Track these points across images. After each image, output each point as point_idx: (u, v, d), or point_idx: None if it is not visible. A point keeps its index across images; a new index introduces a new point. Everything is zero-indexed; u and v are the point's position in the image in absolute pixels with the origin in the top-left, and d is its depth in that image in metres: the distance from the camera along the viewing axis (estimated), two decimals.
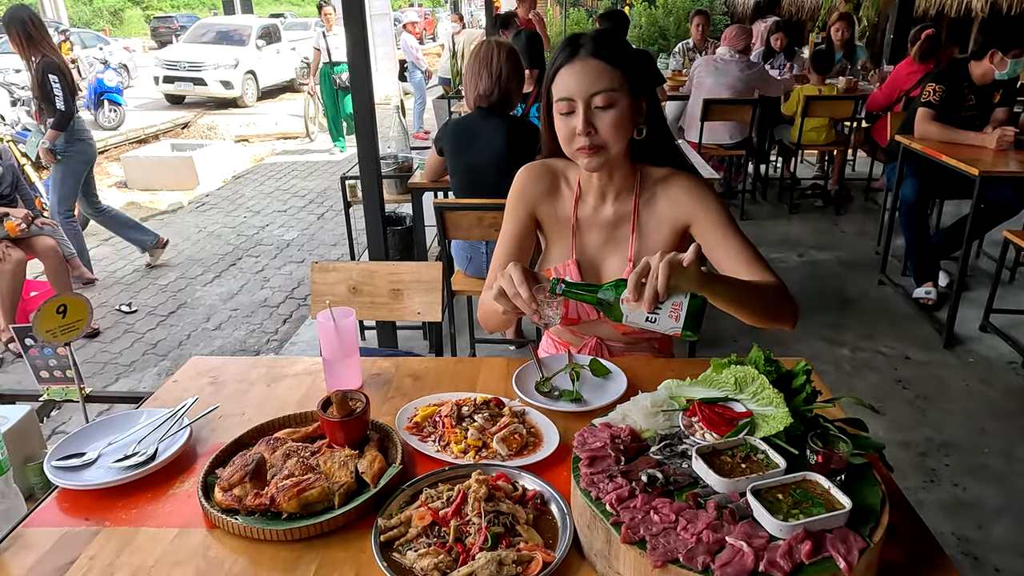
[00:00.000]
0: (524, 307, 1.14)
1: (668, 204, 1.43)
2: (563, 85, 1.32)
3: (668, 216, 1.43)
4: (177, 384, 1.43)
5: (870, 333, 3.55)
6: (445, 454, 1.15)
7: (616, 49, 1.33)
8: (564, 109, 1.33)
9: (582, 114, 1.30)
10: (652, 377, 1.40)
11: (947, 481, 2.45)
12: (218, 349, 3.79)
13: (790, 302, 1.31)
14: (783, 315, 1.30)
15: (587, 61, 1.30)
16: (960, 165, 3.24)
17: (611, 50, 1.32)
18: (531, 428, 1.22)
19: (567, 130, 1.34)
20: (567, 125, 1.33)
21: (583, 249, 1.50)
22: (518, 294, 1.14)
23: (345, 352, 1.36)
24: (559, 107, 1.34)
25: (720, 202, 1.42)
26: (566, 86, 1.32)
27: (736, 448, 0.98)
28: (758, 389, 1.03)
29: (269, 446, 1.14)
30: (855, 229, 5.14)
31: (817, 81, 5.32)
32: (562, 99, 1.32)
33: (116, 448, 1.19)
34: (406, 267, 1.98)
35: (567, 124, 1.33)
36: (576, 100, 1.31)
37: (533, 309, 1.14)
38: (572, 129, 1.33)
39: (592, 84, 1.30)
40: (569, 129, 1.33)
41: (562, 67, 1.33)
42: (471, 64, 2.71)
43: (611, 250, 1.48)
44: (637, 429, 1.06)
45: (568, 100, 1.32)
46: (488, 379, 1.42)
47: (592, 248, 1.50)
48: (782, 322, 1.31)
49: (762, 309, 1.26)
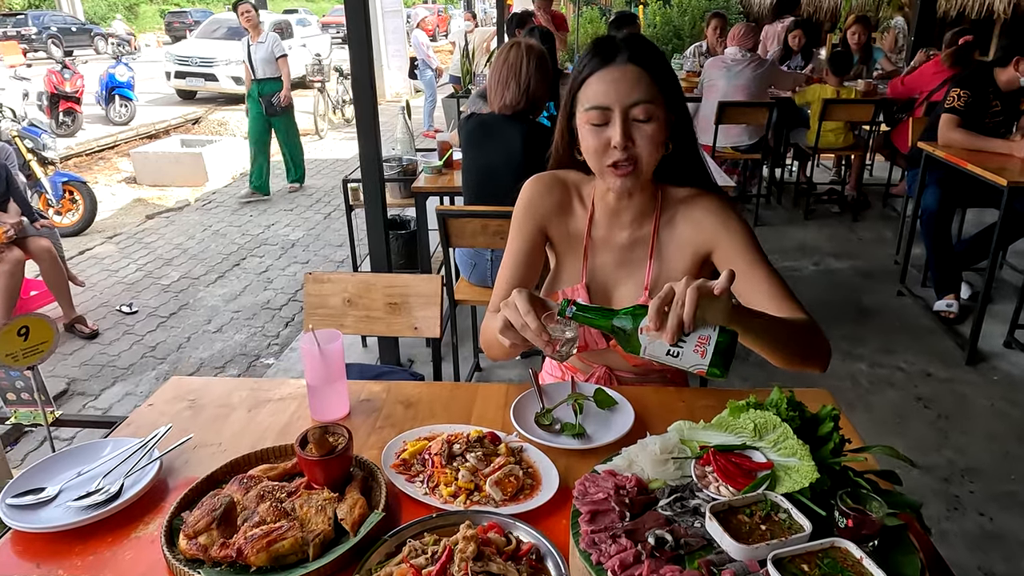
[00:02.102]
0: (534, 339, 1.03)
1: (691, 227, 1.31)
2: (597, 92, 1.19)
3: (690, 240, 1.31)
4: (153, 408, 1.34)
5: (889, 347, 3.42)
6: (433, 497, 1.05)
7: (654, 56, 1.22)
8: (597, 119, 1.19)
9: (620, 124, 1.17)
10: (661, 409, 1.30)
11: (972, 510, 2.33)
12: (218, 353, 3.71)
13: (824, 342, 1.19)
14: (816, 357, 1.19)
15: (626, 68, 1.18)
16: (986, 174, 3.11)
17: (650, 57, 1.21)
18: (528, 468, 1.12)
19: (599, 142, 1.20)
20: (599, 137, 1.20)
21: (595, 272, 1.37)
22: (526, 325, 1.02)
23: (331, 378, 1.26)
24: (589, 116, 1.20)
25: (747, 227, 1.29)
26: (601, 93, 1.19)
27: (755, 505, 0.88)
28: (780, 437, 0.93)
29: (242, 486, 1.05)
30: (873, 236, 5.00)
31: (835, 84, 5.17)
32: (595, 107, 1.19)
33: (79, 483, 1.10)
34: (404, 279, 1.89)
35: (599, 136, 1.20)
36: (613, 109, 1.18)
37: (545, 341, 1.02)
38: (606, 141, 1.19)
39: (631, 93, 1.17)
40: (602, 141, 1.20)
41: (595, 72, 1.20)
42: (499, 69, 2.58)
43: (625, 274, 1.36)
44: (644, 478, 0.96)
45: (603, 109, 1.18)
46: (485, 408, 1.32)
47: (604, 271, 1.37)
48: (814, 364, 1.19)
49: (796, 350, 1.14)
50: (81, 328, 3.86)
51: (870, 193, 5.79)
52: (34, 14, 22.53)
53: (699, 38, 8.26)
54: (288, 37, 13.88)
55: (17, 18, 21.94)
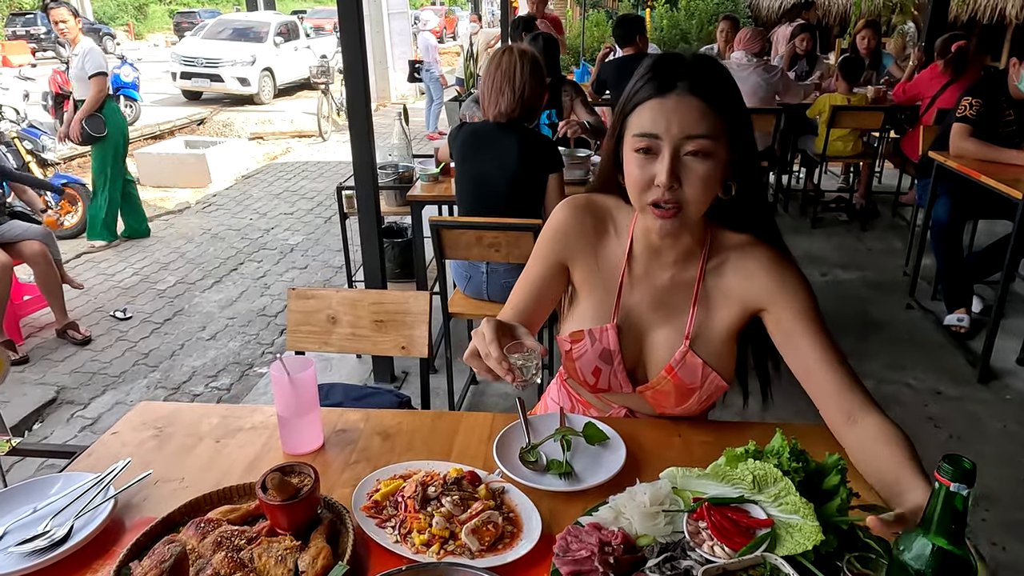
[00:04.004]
0: (495, 368, 0.99)
1: (742, 278, 1.18)
2: (648, 120, 1.06)
3: (739, 292, 1.19)
4: (116, 437, 1.27)
5: (897, 363, 3.32)
6: (405, 546, 0.97)
7: (722, 86, 1.08)
8: (643, 146, 1.06)
9: (668, 161, 1.04)
10: (656, 445, 1.22)
11: (984, 538, 2.24)
12: (211, 361, 3.64)
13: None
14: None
15: (686, 99, 1.05)
16: (1000, 186, 3.01)
17: (716, 87, 1.07)
18: (510, 512, 1.04)
19: (643, 176, 1.07)
20: (643, 169, 1.07)
21: (628, 312, 1.24)
22: (488, 354, 0.98)
23: (302, 410, 1.18)
24: (636, 142, 1.07)
25: (808, 289, 1.17)
26: (652, 121, 1.06)
27: (753, 569, 0.80)
28: (781, 492, 0.84)
29: (199, 530, 0.97)
30: (882, 246, 4.89)
31: (845, 90, 5.07)
32: (644, 135, 1.06)
33: (27, 523, 1.02)
34: (392, 296, 1.81)
35: (643, 168, 1.07)
36: (663, 140, 1.05)
37: (506, 369, 0.98)
38: (650, 177, 1.07)
39: (688, 127, 1.04)
40: (646, 175, 1.07)
41: (648, 100, 1.07)
42: (492, 76, 2.50)
43: (662, 319, 1.23)
44: (632, 533, 0.88)
45: (652, 137, 1.06)
46: (468, 441, 1.24)
47: (639, 313, 1.24)
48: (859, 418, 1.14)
49: None
50: (73, 334, 3.80)
51: (879, 201, 5.68)
52: (43, 14, 22.62)
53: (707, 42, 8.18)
54: (295, 38, 13.90)
55: (27, 17, 22.04)
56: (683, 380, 1.22)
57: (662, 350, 1.23)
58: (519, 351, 1.01)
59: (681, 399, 1.24)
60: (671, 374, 1.22)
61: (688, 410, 1.27)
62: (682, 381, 1.22)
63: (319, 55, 12.79)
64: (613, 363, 1.25)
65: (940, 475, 0.67)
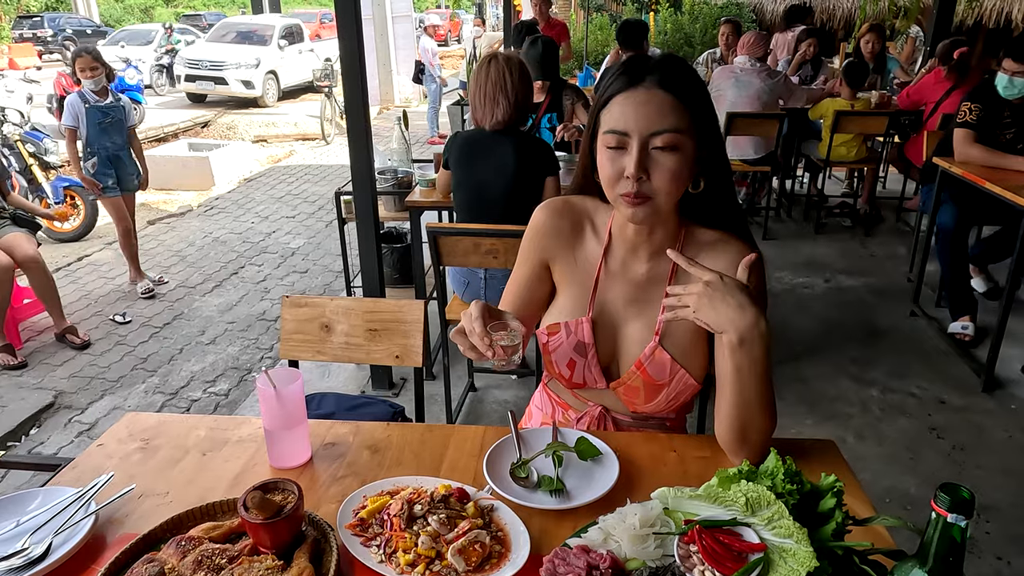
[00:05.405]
0: (478, 343, 1.04)
1: None
2: (617, 115, 1.10)
3: None
4: (102, 449, 1.25)
5: (901, 371, 3.28)
6: (389, 566, 0.95)
7: (688, 83, 1.11)
8: (613, 143, 1.10)
9: (636, 154, 1.07)
10: (650, 460, 1.19)
11: (988, 552, 2.20)
12: (209, 366, 3.63)
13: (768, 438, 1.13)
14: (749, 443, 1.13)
15: (652, 92, 1.08)
16: (1007, 194, 2.97)
17: (683, 83, 1.10)
18: (498, 531, 1.01)
19: (613, 170, 1.11)
20: (614, 164, 1.10)
21: (603, 306, 1.26)
22: (473, 330, 1.04)
23: (289, 423, 1.16)
24: (607, 139, 1.11)
25: (764, 290, 1.20)
26: (621, 117, 1.09)
27: None
28: (774, 515, 0.82)
29: (179, 549, 0.95)
30: (886, 252, 4.85)
31: (849, 95, 5.04)
32: (613, 131, 1.10)
33: (4, 540, 1.00)
34: (386, 305, 1.79)
35: (614, 163, 1.10)
36: (631, 136, 1.08)
37: (487, 345, 1.03)
38: (619, 170, 1.10)
39: (654, 120, 1.07)
40: (616, 169, 1.10)
41: (618, 94, 1.10)
42: (484, 87, 2.49)
43: (636, 312, 1.25)
44: (621, 556, 0.85)
45: (620, 134, 1.09)
46: (458, 456, 1.21)
47: (614, 307, 1.26)
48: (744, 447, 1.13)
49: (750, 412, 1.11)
50: (72, 338, 3.79)
51: (883, 207, 5.64)
52: (50, 16, 22.73)
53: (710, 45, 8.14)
54: (298, 41, 13.92)
55: (33, 20, 22.15)
56: (652, 376, 1.23)
57: (634, 345, 1.24)
58: (503, 331, 1.05)
59: (650, 395, 1.25)
60: (640, 369, 1.23)
61: (658, 408, 1.27)
62: (651, 377, 1.23)
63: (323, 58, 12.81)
64: (587, 356, 1.26)
65: (937, 505, 0.64)
